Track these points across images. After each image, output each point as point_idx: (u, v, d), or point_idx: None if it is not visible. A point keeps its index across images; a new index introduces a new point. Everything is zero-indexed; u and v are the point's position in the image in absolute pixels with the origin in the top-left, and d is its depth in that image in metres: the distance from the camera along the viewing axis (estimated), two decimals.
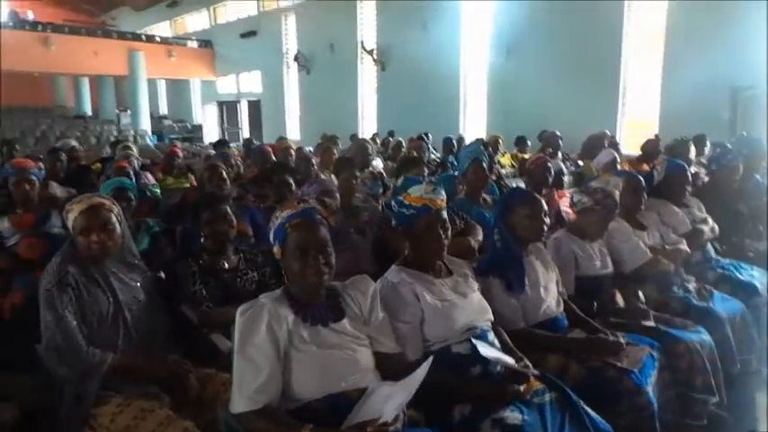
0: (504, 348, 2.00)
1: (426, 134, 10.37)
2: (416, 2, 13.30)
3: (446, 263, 2.09)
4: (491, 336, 1.95)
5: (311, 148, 8.14)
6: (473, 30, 12.99)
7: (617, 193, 2.75)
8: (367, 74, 15.64)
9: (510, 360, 1.84)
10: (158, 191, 4.41)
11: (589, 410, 1.81)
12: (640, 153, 7.22)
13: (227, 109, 21.87)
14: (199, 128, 21.80)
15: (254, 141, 9.15)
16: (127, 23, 25.01)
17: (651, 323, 2.52)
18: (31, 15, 22.56)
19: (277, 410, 1.51)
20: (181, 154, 5.83)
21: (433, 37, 13.18)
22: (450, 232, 1.99)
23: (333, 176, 4.48)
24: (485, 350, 1.79)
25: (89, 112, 22.65)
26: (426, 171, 5.44)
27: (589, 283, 2.73)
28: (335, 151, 6.33)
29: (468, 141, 10.12)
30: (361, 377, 1.62)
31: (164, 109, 25.33)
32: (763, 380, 2.95)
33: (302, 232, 1.62)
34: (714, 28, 8.69)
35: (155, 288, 2.19)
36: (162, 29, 24.03)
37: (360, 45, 15.17)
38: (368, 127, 15.28)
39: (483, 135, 11.00)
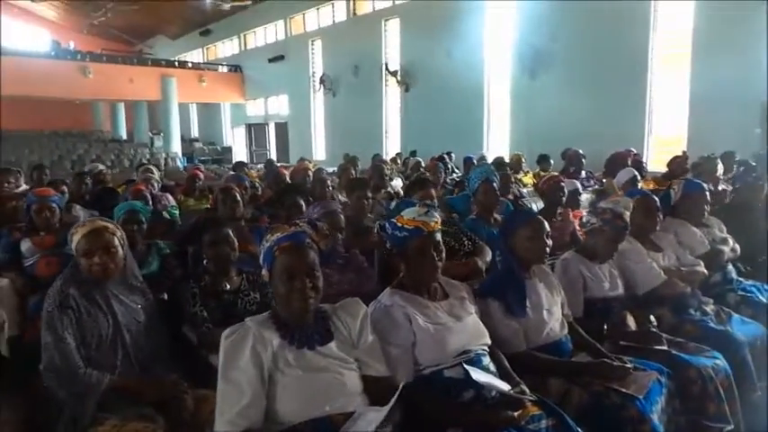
0: (501, 373, 1.96)
1: (449, 153, 10.39)
2: (440, 22, 13.44)
3: (442, 285, 2.07)
4: (486, 360, 1.91)
5: (334, 169, 8.25)
6: (496, 48, 13.02)
7: (627, 214, 2.69)
8: (391, 95, 15.81)
9: (504, 386, 1.80)
10: (177, 212, 4.51)
11: None
12: (666, 171, 7.10)
13: (256, 131, 22.35)
14: (228, 150, 22.34)
15: (275, 163, 9.29)
16: (163, 51, 25.96)
17: (663, 347, 2.43)
18: (72, 45, 23.67)
19: None
20: (202, 176, 5.94)
21: (456, 57, 13.26)
22: (443, 254, 1.97)
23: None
24: (477, 375, 1.75)
25: (124, 135, 23.51)
26: (439, 192, 5.49)
27: (598, 305, 2.66)
28: (354, 172, 6.39)
29: (491, 160, 10.12)
30: (348, 401, 1.60)
31: (195, 132, 26.07)
32: None
33: (290, 256, 1.63)
34: (743, 42, 8.52)
35: (156, 310, 2.22)
36: (195, 56, 24.86)
37: (384, 67, 15.36)
38: (392, 147, 15.39)
39: (506, 154, 10.98)
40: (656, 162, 9.51)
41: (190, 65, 22.40)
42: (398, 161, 9.84)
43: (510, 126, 12.88)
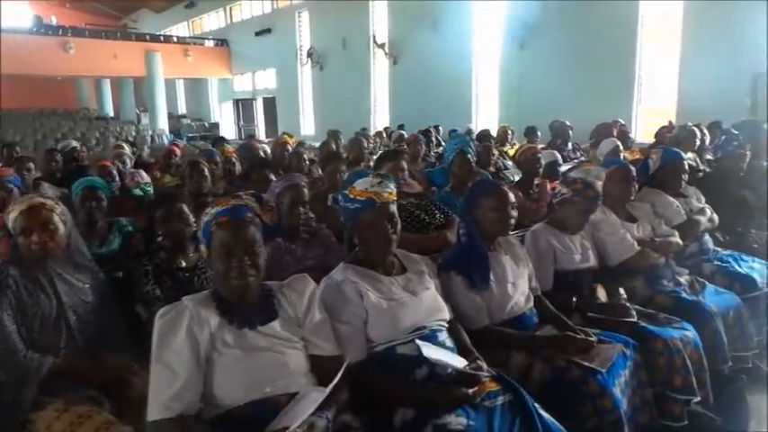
0: (460, 348, 1.90)
1: (436, 127, 10.28)
2: None
3: (400, 258, 2.00)
4: (442, 336, 1.85)
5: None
6: (485, 21, 12.78)
7: (598, 184, 2.61)
8: (379, 68, 15.55)
9: (458, 362, 1.74)
10: (150, 189, 4.41)
11: (544, 415, 1.70)
12: (653, 141, 7.01)
13: (243, 107, 22.03)
14: (216, 126, 22.02)
15: (255, 138, 9.12)
16: (147, 25, 25.42)
17: (632, 319, 2.38)
18: (54, 20, 23.08)
19: (195, 419, 1.44)
20: (179, 152, 5.81)
21: (444, 30, 13.01)
22: (398, 227, 1.89)
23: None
24: (428, 351, 1.69)
25: (111, 113, 23.11)
26: (420, 165, 5.39)
27: (569, 277, 2.61)
28: (336, 146, 6.26)
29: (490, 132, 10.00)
30: (291, 382, 1.54)
31: (183, 108, 25.69)
32: (760, 378, 2.78)
33: (228, 231, 1.55)
34: (734, 12, 8.36)
35: (108, 289, 2.14)
36: (180, 29, 24.34)
37: (372, 39, 15.08)
38: (381, 121, 15.21)
39: (496, 127, 10.85)
40: (646, 133, 9.44)
41: (175, 39, 21.94)
42: (384, 135, 9.68)
43: (499, 99, 12.72)
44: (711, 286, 2.87)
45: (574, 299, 2.51)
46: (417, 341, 1.73)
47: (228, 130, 21.52)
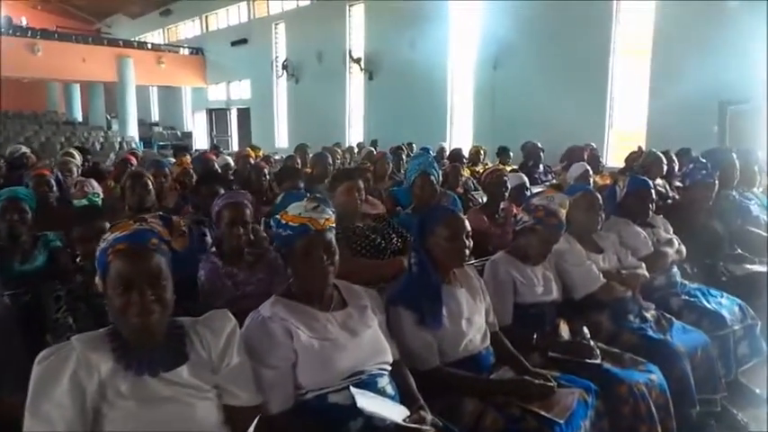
0: (404, 395, 1.70)
1: (409, 144, 10.15)
2: (405, 10, 13.11)
3: (342, 292, 1.79)
4: (383, 381, 1.65)
5: None
6: (461, 39, 12.80)
7: (562, 212, 2.45)
8: (355, 83, 15.43)
9: (396, 414, 1.53)
10: (98, 200, 4.13)
11: None
12: (623, 166, 6.99)
13: (217, 116, 21.65)
14: (188, 135, 21.59)
15: (220, 149, 8.87)
16: (122, 31, 24.89)
17: (596, 360, 2.21)
18: (24, 22, 22.46)
19: None
20: (135, 161, 5.52)
21: (420, 46, 12.97)
22: (336, 257, 1.68)
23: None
24: (364, 402, 1.48)
25: (80, 118, 22.45)
26: (387, 183, 5.22)
27: (530, 311, 2.43)
28: (301, 161, 6.05)
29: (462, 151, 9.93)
30: None
31: (156, 116, 25.16)
32: (730, 424, 2.64)
33: (126, 260, 1.31)
34: (701, 41, 8.50)
35: (9, 315, 1.88)
36: (155, 37, 23.92)
37: (347, 54, 14.96)
38: (355, 136, 15.06)
39: (469, 145, 10.78)
40: (617, 157, 9.46)
41: (150, 46, 21.52)
42: (354, 151, 9.51)
43: (473, 118, 12.69)
44: (679, 323, 2.73)
45: (534, 336, 2.33)
46: (352, 389, 1.52)
47: (201, 140, 21.12)
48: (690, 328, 2.70)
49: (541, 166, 7.43)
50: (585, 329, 2.34)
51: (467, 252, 2.04)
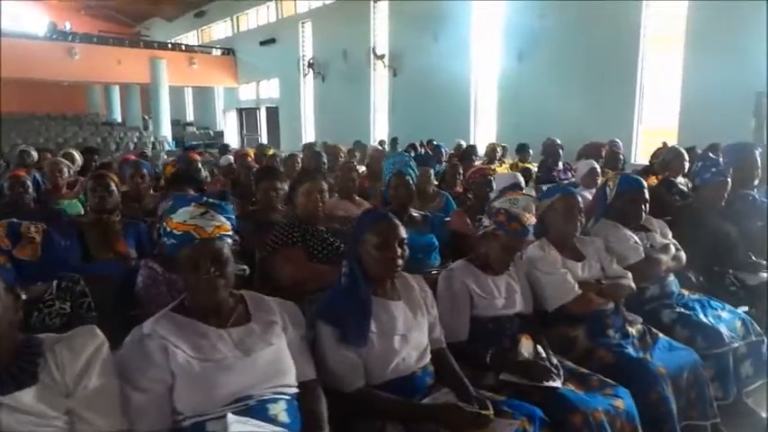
0: (307, 422, 1.52)
1: (429, 141, 9.92)
2: (428, 6, 12.86)
3: (249, 305, 1.63)
4: (276, 408, 1.47)
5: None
6: (484, 34, 12.46)
7: (526, 216, 2.21)
8: (379, 80, 15.28)
9: None
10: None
11: None
12: (647, 164, 6.59)
13: (247, 115, 21.89)
14: (220, 134, 21.91)
15: (229, 148, 8.85)
16: (159, 34, 25.52)
17: (553, 383, 1.98)
18: (68, 26, 23.27)
19: None
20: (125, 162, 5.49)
21: (443, 42, 12.72)
22: (228, 269, 1.52)
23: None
24: (240, 429, 1.31)
25: (119, 119, 23.12)
26: (378, 182, 5.00)
27: (488, 325, 2.21)
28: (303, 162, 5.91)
29: (481, 148, 9.65)
30: None
31: (190, 116, 25.67)
32: None
33: None
34: (736, 30, 7.97)
35: None
36: (190, 38, 24.39)
37: (372, 51, 14.82)
38: (380, 133, 14.94)
39: (493, 140, 10.46)
40: (647, 154, 8.98)
41: (184, 47, 21.95)
42: (366, 150, 9.33)
43: (497, 113, 12.34)
44: (665, 339, 2.45)
45: (489, 353, 2.11)
46: (229, 416, 1.35)
47: (232, 139, 21.39)
48: (678, 346, 2.42)
49: (561, 164, 7.07)
50: (540, 348, 2.10)
51: (399, 262, 1.84)
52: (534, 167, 7.58)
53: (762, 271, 3.33)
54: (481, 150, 8.79)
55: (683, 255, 2.93)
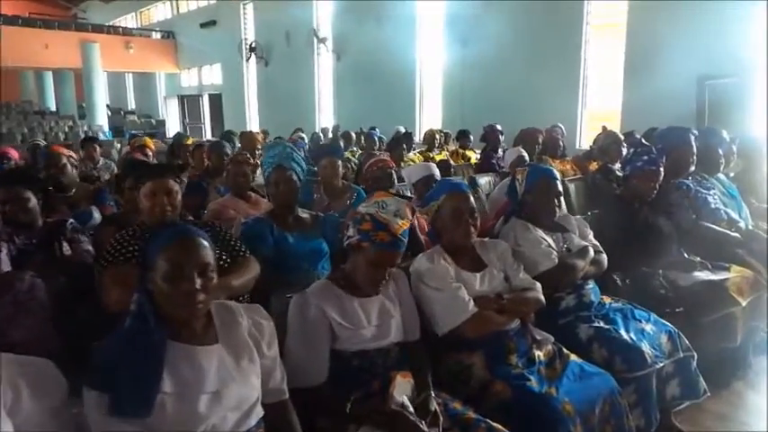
0: None
1: (372, 128, 9.43)
2: None
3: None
4: None
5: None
6: (429, 19, 12.00)
7: (398, 224, 1.75)
8: (324, 64, 14.65)
9: None
10: None
11: None
12: (588, 149, 6.30)
13: (189, 103, 20.87)
14: (162, 123, 20.83)
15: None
16: (97, 17, 24.05)
17: None
18: None
19: None
20: (15, 156, 4.82)
21: (388, 26, 12.19)
22: None
23: None
24: None
25: (53, 107, 21.70)
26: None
27: (352, 363, 1.76)
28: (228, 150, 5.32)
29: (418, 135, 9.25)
30: None
31: (132, 104, 24.38)
32: None
33: None
34: (678, 15, 7.73)
35: None
36: (129, 21, 23.07)
37: (314, 33, 14.16)
38: (325, 119, 14.36)
39: (439, 127, 10.07)
40: (590, 139, 8.74)
41: (121, 30, 20.67)
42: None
43: (442, 98, 11.93)
44: (578, 363, 2.04)
45: (351, 400, 1.66)
46: None
47: (175, 128, 20.36)
48: (592, 371, 2.02)
49: (501, 151, 6.69)
50: (404, 398, 1.65)
51: (200, 297, 1.34)
52: (476, 154, 7.25)
53: (695, 270, 3.02)
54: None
55: (604, 258, 2.54)
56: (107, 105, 20.72)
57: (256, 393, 1.47)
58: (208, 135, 18.18)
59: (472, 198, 2.15)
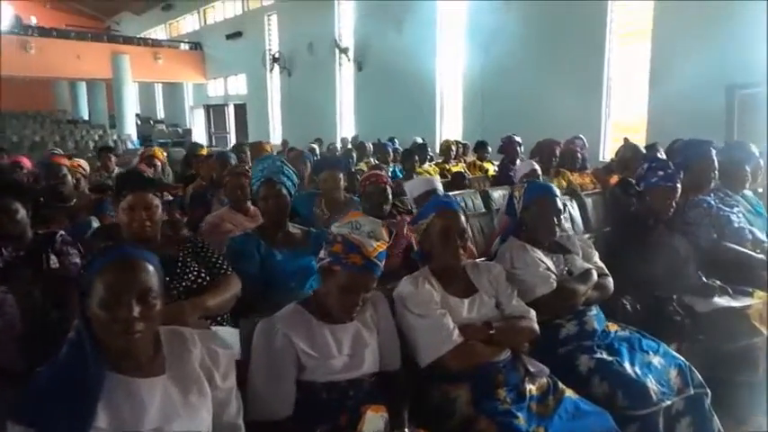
0: None
1: (391, 139, 9.34)
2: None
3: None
4: None
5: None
6: (450, 28, 11.87)
7: (372, 247, 1.63)
8: (345, 74, 14.66)
9: None
10: None
11: None
12: (609, 161, 6.08)
13: (215, 112, 21.16)
14: (189, 132, 21.16)
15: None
16: (129, 29, 24.69)
17: None
18: (33, 21, 22.33)
19: None
20: (27, 165, 4.87)
21: (409, 36, 12.12)
22: None
23: None
24: None
25: (86, 116, 22.27)
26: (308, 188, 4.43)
27: (320, 396, 1.63)
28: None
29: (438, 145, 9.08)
30: None
31: (161, 113, 24.87)
32: None
33: None
34: (706, 21, 7.43)
35: None
36: (159, 33, 23.60)
37: (336, 44, 14.18)
38: (347, 129, 14.34)
39: (459, 137, 9.92)
40: (614, 151, 8.47)
41: (150, 42, 21.13)
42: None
43: (463, 110, 11.76)
44: (573, 400, 1.87)
45: None
46: None
47: (201, 137, 20.66)
48: (588, 409, 1.84)
49: (518, 162, 6.51)
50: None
51: (138, 326, 1.24)
52: (495, 166, 7.08)
53: (715, 295, 2.80)
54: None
55: (609, 282, 2.36)
56: (137, 114, 21.20)
57: (205, 430, 1.35)
58: (233, 144, 18.39)
59: (463, 218, 2.00)
